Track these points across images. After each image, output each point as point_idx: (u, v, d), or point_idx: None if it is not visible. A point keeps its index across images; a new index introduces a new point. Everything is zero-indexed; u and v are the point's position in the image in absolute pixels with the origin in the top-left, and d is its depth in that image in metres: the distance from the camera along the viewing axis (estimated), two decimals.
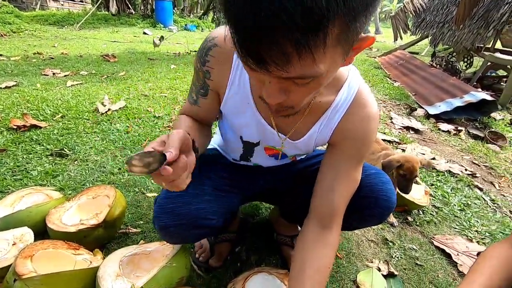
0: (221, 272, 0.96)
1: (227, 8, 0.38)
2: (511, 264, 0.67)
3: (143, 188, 1.33)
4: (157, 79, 3.14)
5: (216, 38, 0.63)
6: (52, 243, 0.83)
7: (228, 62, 0.64)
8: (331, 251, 0.70)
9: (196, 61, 0.68)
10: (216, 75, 0.66)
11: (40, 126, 1.77)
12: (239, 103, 0.69)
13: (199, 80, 0.69)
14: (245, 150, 0.80)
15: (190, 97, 0.73)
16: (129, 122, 2.00)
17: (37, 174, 1.35)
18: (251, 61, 0.40)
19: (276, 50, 0.37)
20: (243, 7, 0.35)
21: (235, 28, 0.38)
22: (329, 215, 0.70)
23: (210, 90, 0.69)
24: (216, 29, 0.66)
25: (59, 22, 7.82)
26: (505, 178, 1.88)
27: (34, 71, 3.08)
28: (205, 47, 0.65)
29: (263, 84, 0.47)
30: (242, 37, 0.38)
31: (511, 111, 3.22)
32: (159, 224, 0.69)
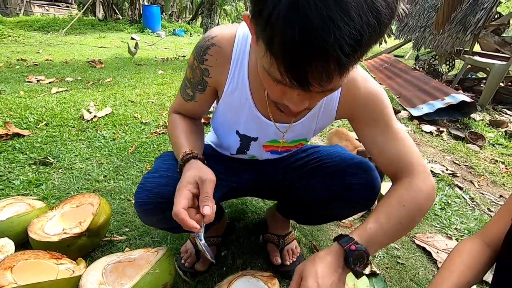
0: (207, 277, 0.97)
1: (272, 34, 0.38)
2: (482, 259, 0.70)
3: (129, 195, 1.33)
4: (144, 85, 3.13)
5: (215, 37, 0.65)
6: (34, 253, 0.82)
7: (227, 60, 0.66)
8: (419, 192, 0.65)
9: (193, 58, 0.69)
10: (215, 73, 0.68)
11: (23, 135, 1.74)
12: (238, 99, 0.71)
13: (196, 77, 0.71)
14: (242, 143, 0.82)
15: (185, 94, 0.75)
16: (116, 128, 1.99)
17: (20, 183, 1.33)
18: (295, 84, 0.43)
19: (324, 74, 0.40)
20: (294, 36, 0.36)
21: (283, 55, 0.39)
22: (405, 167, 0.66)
23: (208, 86, 0.71)
24: (214, 29, 0.67)
25: (44, 28, 7.70)
26: (484, 176, 1.95)
27: (17, 78, 3.02)
28: (203, 46, 0.66)
29: (285, 93, 0.50)
30: (290, 63, 0.40)
31: (490, 112, 3.34)
32: (137, 200, 0.70)
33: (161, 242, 1.10)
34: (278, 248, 1.06)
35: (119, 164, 1.57)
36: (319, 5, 0.34)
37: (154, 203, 0.68)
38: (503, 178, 1.97)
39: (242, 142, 0.81)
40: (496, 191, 1.80)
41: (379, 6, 0.36)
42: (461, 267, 0.69)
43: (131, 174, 1.49)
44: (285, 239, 1.07)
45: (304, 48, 0.37)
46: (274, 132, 0.76)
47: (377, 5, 0.36)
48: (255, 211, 1.32)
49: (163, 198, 0.67)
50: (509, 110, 3.49)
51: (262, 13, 0.38)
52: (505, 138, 2.66)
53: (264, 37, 0.40)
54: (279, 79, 0.45)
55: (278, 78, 0.44)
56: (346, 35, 0.35)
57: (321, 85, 0.42)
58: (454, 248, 0.75)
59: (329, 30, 0.35)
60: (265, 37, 0.40)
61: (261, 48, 0.43)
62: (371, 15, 0.35)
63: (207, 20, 5.10)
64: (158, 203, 0.68)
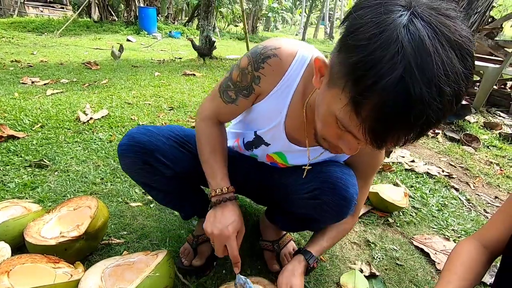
0: (206, 280, 0.96)
1: (369, 99, 0.42)
2: (481, 261, 0.71)
3: (127, 197, 1.32)
4: (140, 86, 3.12)
5: (279, 49, 0.67)
6: (31, 257, 0.80)
7: (281, 74, 0.69)
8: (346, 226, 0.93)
9: (247, 63, 0.71)
10: (265, 82, 0.71)
11: (18, 137, 1.72)
12: (273, 110, 0.75)
13: (245, 82, 0.72)
14: (254, 141, 0.86)
15: (226, 95, 0.77)
16: (112, 131, 1.98)
17: (15, 186, 1.31)
18: (371, 143, 0.47)
19: (402, 141, 0.45)
20: (394, 109, 0.41)
21: (375, 121, 0.43)
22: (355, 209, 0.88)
23: (254, 93, 0.73)
24: (278, 40, 0.70)
25: (38, 29, 7.64)
26: (479, 178, 1.97)
27: (11, 79, 2.99)
28: (263, 53, 0.68)
29: (342, 138, 0.55)
30: (377, 129, 0.44)
31: (484, 114, 3.39)
32: (120, 144, 0.79)
33: (160, 245, 1.08)
34: (274, 254, 1.06)
35: (116, 166, 1.56)
36: (423, 90, 0.39)
37: (131, 145, 0.78)
38: (498, 179, 1.99)
39: (255, 140, 0.85)
40: (492, 192, 1.82)
41: (462, 94, 0.41)
42: (462, 269, 0.70)
43: (128, 177, 1.47)
44: (279, 243, 1.07)
45: (398, 121, 0.42)
46: (301, 156, 0.82)
47: (461, 94, 0.41)
48: (255, 213, 1.32)
49: (139, 143, 0.78)
50: (502, 112, 3.54)
51: (364, 77, 0.41)
52: (499, 140, 2.70)
53: (355, 98, 0.44)
54: (351, 131, 0.49)
55: (351, 130, 0.49)
56: (435, 115, 0.41)
57: (392, 146, 0.47)
58: (453, 250, 0.76)
59: (424, 110, 0.40)
60: (357, 98, 0.43)
61: (337, 98, 0.47)
62: (455, 101, 0.41)
63: (203, 22, 5.11)
64: (133, 145, 0.78)
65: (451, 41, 0.40)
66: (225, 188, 0.78)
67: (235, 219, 0.76)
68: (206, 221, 0.78)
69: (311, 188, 0.78)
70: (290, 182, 0.86)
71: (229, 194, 0.78)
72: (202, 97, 2.94)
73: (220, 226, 0.74)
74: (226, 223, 0.75)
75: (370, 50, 0.40)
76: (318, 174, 0.78)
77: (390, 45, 0.39)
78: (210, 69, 4.48)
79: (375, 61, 0.40)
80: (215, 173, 0.79)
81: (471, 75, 0.42)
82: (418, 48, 0.38)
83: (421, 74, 0.38)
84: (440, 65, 0.39)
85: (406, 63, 0.38)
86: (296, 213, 0.88)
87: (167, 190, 0.92)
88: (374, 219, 1.38)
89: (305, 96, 0.70)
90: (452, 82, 0.39)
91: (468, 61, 0.41)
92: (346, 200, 0.75)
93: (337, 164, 0.80)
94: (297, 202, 0.84)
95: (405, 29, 0.39)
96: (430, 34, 0.39)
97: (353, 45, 0.43)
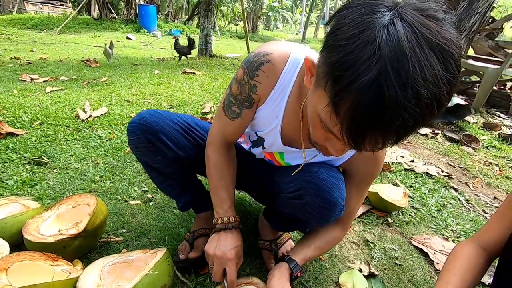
0: (205, 278, 0.96)
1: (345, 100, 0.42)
2: (479, 262, 0.72)
3: (126, 196, 1.31)
4: (140, 85, 3.11)
5: (271, 54, 0.68)
6: (29, 255, 0.80)
7: (275, 78, 0.69)
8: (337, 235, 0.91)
9: (242, 74, 0.71)
10: (261, 90, 0.71)
11: (17, 134, 1.71)
12: (270, 115, 0.76)
13: (244, 93, 0.73)
14: (258, 140, 0.87)
15: (230, 112, 0.77)
16: (112, 128, 1.97)
17: (14, 183, 1.31)
18: (349, 143, 0.46)
19: (380, 143, 0.44)
20: (368, 109, 0.40)
21: (351, 121, 0.42)
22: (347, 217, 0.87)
23: (255, 102, 0.74)
24: (269, 45, 0.70)
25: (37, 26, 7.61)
26: (478, 178, 1.98)
27: (10, 76, 2.98)
28: (256, 61, 0.68)
29: (329, 139, 0.54)
30: (353, 129, 0.43)
31: (483, 115, 3.39)
32: (130, 122, 0.83)
33: (159, 243, 1.08)
34: (272, 253, 1.05)
35: (115, 164, 1.56)
36: (398, 92, 0.38)
37: (139, 123, 0.83)
38: (497, 180, 1.99)
39: (258, 140, 0.86)
40: (491, 193, 1.83)
41: (443, 98, 0.40)
42: (461, 270, 0.70)
43: (128, 175, 1.47)
44: (277, 243, 1.07)
45: (373, 122, 0.41)
46: (298, 157, 0.83)
47: (442, 98, 0.40)
48: (253, 212, 1.32)
49: (147, 123, 0.82)
50: (502, 113, 3.55)
51: (341, 78, 0.41)
52: (499, 141, 2.70)
53: (334, 97, 0.43)
54: (332, 132, 0.49)
55: (332, 131, 0.49)
56: (412, 119, 0.40)
57: (371, 149, 0.46)
58: (452, 251, 0.76)
59: (399, 113, 0.39)
60: (335, 98, 0.43)
61: (321, 98, 0.47)
62: (435, 105, 0.40)
63: (203, 20, 5.10)
64: (141, 124, 0.82)
65: (432, 44, 0.38)
66: (232, 217, 0.81)
67: (238, 245, 0.79)
68: (209, 243, 0.80)
69: (296, 187, 0.78)
70: (280, 180, 0.87)
71: (235, 223, 0.81)
72: (202, 95, 2.94)
73: (224, 248, 0.77)
74: (230, 246, 0.77)
75: (348, 51, 0.40)
76: (304, 174, 0.78)
77: (367, 46, 0.39)
78: (210, 68, 4.47)
79: (351, 62, 0.40)
80: (222, 202, 0.82)
81: (454, 78, 0.40)
82: (395, 49, 0.38)
83: (396, 76, 0.37)
84: (417, 67, 0.38)
85: (382, 64, 0.38)
86: (284, 212, 0.89)
87: (167, 173, 0.93)
88: (374, 218, 1.38)
89: (301, 98, 0.71)
90: (430, 85, 0.38)
91: (450, 64, 0.39)
92: (330, 204, 0.73)
93: (327, 166, 0.79)
94: (284, 201, 0.84)
95: (385, 30, 0.39)
96: (409, 35, 0.38)
97: (333, 44, 0.43)
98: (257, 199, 1.18)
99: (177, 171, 0.93)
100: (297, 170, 0.81)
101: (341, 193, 0.74)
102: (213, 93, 3.04)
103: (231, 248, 0.77)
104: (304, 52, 0.70)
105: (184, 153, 0.89)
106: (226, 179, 0.83)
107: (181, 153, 0.88)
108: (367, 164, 0.79)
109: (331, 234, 0.89)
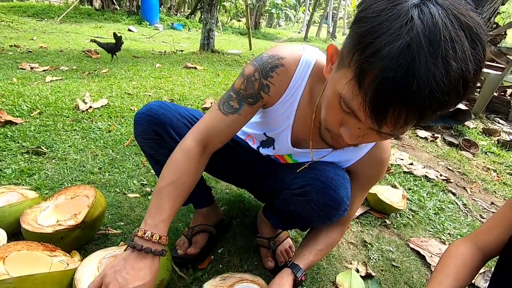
0: (203, 274, 0.96)
1: (371, 68, 0.41)
2: (474, 263, 0.72)
3: (124, 188, 1.31)
4: (141, 77, 3.09)
5: (285, 58, 0.68)
6: (27, 245, 0.79)
7: (287, 82, 0.70)
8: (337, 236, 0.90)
9: (253, 70, 0.70)
10: (274, 91, 0.71)
11: (16, 122, 1.69)
12: (282, 116, 0.75)
13: (250, 89, 0.71)
14: (266, 140, 0.88)
15: (226, 106, 0.72)
16: (111, 120, 1.96)
17: (11, 172, 1.29)
18: (370, 118, 0.45)
19: (402, 119, 0.43)
20: (395, 78, 0.39)
21: (376, 90, 0.41)
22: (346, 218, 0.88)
23: (261, 101, 0.72)
24: (283, 49, 0.70)
25: (38, 14, 7.52)
26: (476, 184, 1.98)
27: (10, 64, 2.94)
28: (271, 63, 0.68)
29: (343, 124, 0.53)
30: (378, 100, 0.42)
31: (483, 120, 3.40)
32: (138, 112, 0.82)
33: None
34: (270, 251, 1.05)
35: (115, 156, 1.55)
36: (429, 59, 0.38)
37: (147, 114, 0.81)
38: (494, 185, 2.00)
39: (267, 140, 0.86)
40: (488, 198, 1.83)
41: (469, 77, 0.40)
42: (455, 270, 0.70)
43: (127, 167, 1.46)
44: (275, 240, 1.07)
45: (399, 92, 0.40)
46: (306, 157, 0.82)
47: (469, 77, 0.40)
48: (252, 209, 1.32)
49: (155, 114, 0.80)
50: (501, 119, 3.56)
51: (370, 46, 0.41)
52: (497, 147, 2.71)
53: (360, 66, 0.42)
54: (353, 109, 0.47)
55: (352, 107, 0.47)
56: (440, 90, 0.39)
57: (393, 127, 0.45)
58: (446, 250, 0.77)
59: (428, 81, 0.38)
60: (362, 66, 0.42)
61: (343, 76, 0.46)
62: (461, 83, 0.40)
63: (207, 15, 5.06)
64: (149, 115, 0.80)
65: (462, 23, 0.40)
66: (156, 236, 0.64)
67: (144, 283, 0.61)
68: (112, 263, 0.63)
69: (302, 183, 0.78)
70: (285, 176, 0.86)
71: (157, 245, 0.65)
72: (202, 90, 2.92)
73: (122, 281, 0.59)
74: (134, 281, 0.59)
75: (380, 21, 0.41)
76: (311, 171, 0.78)
77: (400, 17, 0.40)
78: (211, 63, 4.45)
79: (383, 30, 0.40)
80: (159, 211, 0.66)
81: (481, 60, 0.41)
82: (428, 21, 0.39)
83: (428, 45, 0.38)
84: (448, 40, 0.38)
85: (414, 33, 0.39)
86: (286, 210, 0.88)
87: None
88: (372, 220, 1.38)
89: (313, 99, 0.71)
90: (459, 59, 0.39)
91: (477, 46, 0.40)
92: (335, 202, 0.72)
93: (333, 165, 0.78)
94: (288, 197, 0.83)
95: (417, 7, 0.40)
96: (441, 12, 0.39)
97: (364, 16, 0.43)
98: (257, 196, 1.18)
99: None
100: (302, 167, 0.81)
101: (347, 192, 0.74)
102: (214, 89, 3.03)
103: (133, 286, 0.59)
104: (315, 53, 0.70)
105: None
106: (179, 188, 0.69)
107: None
108: (373, 167, 0.79)
109: (332, 236, 0.89)
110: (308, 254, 0.86)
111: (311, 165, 0.80)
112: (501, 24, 4.11)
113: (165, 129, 0.81)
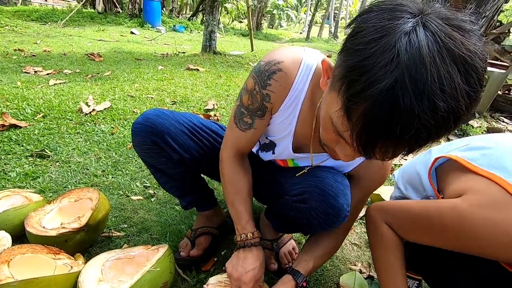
0: (206, 276, 0.96)
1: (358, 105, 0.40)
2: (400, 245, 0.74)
3: (128, 191, 1.31)
4: (144, 80, 3.10)
5: (282, 62, 0.66)
6: (31, 248, 0.80)
7: (288, 86, 0.68)
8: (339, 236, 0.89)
9: (253, 83, 0.69)
10: (275, 99, 0.70)
11: (20, 126, 1.71)
12: (284, 122, 0.75)
13: (256, 103, 0.71)
14: (268, 144, 0.86)
15: (242, 124, 0.75)
16: (114, 123, 1.97)
17: (16, 175, 1.31)
18: (359, 151, 0.45)
19: (391, 152, 0.44)
20: (381, 116, 0.39)
21: (362, 127, 0.41)
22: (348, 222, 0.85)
23: (267, 111, 0.72)
24: (279, 52, 0.68)
25: (42, 19, 7.59)
26: None
27: (14, 68, 2.97)
28: (268, 70, 0.67)
29: (339, 143, 0.53)
30: (365, 136, 0.42)
31: (487, 119, 3.37)
32: (134, 122, 0.82)
33: (160, 239, 1.08)
34: (273, 253, 1.05)
35: (118, 159, 1.55)
36: (413, 101, 0.37)
37: (144, 124, 0.81)
38: None
39: (268, 144, 0.85)
40: None
41: (461, 112, 0.39)
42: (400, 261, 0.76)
43: (130, 170, 1.47)
44: (278, 242, 1.06)
45: (384, 131, 0.40)
46: (307, 161, 0.82)
47: (460, 112, 0.39)
48: (255, 210, 1.32)
49: (152, 124, 0.81)
50: (506, 118, 3.53)
51: (356, 83, 0.40)
52: None
53: (347, 102, 0.42)
54: (343, 137, 0.48)
55: (343, 136, 0.48)
56: (426, 131, 0.38)
57: (382, 157, 0.45)
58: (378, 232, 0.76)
59: (413, 124, 0.38)
60: (348, 102, 0.42)
61: (334, 101, 0.46)
62: (452, 119, 0.39)
63: (208, 17, 5.08)
64: (146, 125, 0.81)
65: (454, 55, 0.37)
66: (250, 234, 0.80)
67: (256, 266, 0.78)
68: (229, 261, 0.80)
69: (300, 190, 0.77)
70: (285, 181, 0.86)
71: (254, 239, 0.80)
72: (205, 92, 2.93)
73: (241, 270, 0.76)
74: (247, 268, 0.77)
75: (365, 56, 0.39)
76: (310, 178, 0.77)
77: (386, 52, 0.38)
78: (213, 65, 4.46)
79: (368, 67, 0.39)
80: (240, 217, 0.81)
81: (476, 92, 0.39)
82: (414, 57, 0.37)
83: (413, 85, 0.36)
84: (435, 78, 0.36)
85: (399, 72, 0.37)
86: (288, 216, 0.87)
87: (172, 174, 0.92)
88: None
89: (315, 103, 0.70)
90: (448, 98, 0.37)
91: (472, 78, 0.38)
92: (334, 209, 0.72)
93: (333, 171, 0.78)
94: (288, 204, 0.83)
95: (406, 37, 0.38)
96: (431, 44, 0.37)
97: (351, 48, 0.42)
98: (259, 199, 1.18)
99: (182, 173, 0.92)
100: (301, 172, 0.80)
101: (346, 199, 0.73)
102: (217, 90, 3.03)
103: (248, 270, 0.76)
104: (316, 56, 0.69)
105: (189, 155, 0.87)
106: (242, 193, 0.82)
107: (186, 155, 0.86)
108: (376, 171, 0.79)
109: (334, 239, 0.88)
110: (310, 260, 0.84)
111: (311, 170, 0.80)
112: (505, 22, 4.08)
113: (163, 138, 0.81)
